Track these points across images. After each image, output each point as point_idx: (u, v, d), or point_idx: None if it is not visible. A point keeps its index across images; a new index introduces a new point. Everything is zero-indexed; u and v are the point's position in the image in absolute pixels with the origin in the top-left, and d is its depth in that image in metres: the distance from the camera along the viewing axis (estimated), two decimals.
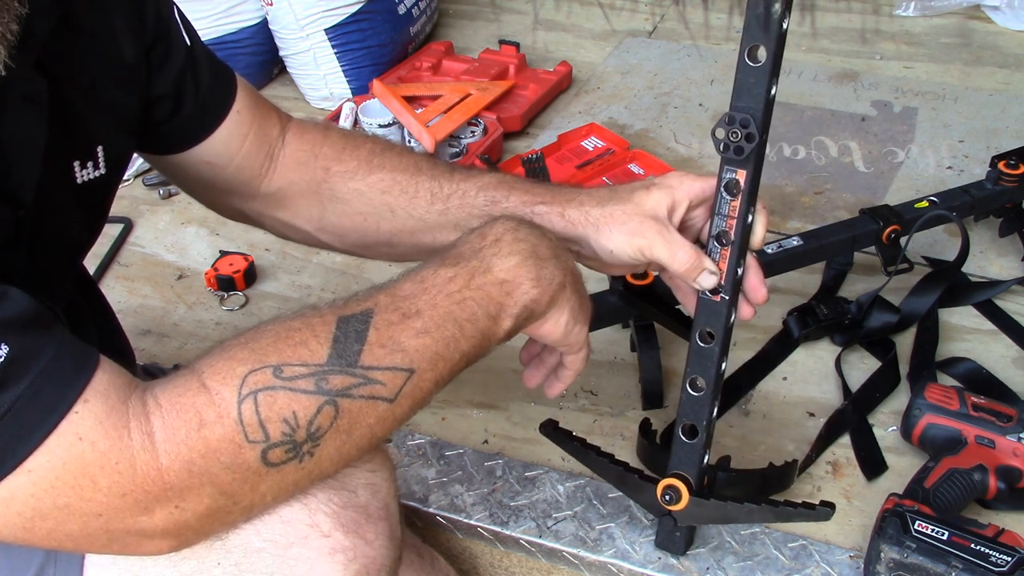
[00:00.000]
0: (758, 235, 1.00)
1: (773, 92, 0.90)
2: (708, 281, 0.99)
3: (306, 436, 0.79)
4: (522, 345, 1.06)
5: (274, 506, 0.83)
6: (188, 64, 1.04)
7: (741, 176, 0.94)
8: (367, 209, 1.12)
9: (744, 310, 1.03)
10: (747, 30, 0.87)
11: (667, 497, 1.08)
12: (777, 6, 0.84)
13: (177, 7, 1.05)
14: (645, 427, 1.25)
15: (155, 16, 1.00)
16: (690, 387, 1.04)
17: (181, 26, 1.04)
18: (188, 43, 1.04)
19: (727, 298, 0.99)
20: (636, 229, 1.00)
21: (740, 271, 1.00)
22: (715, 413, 1.06)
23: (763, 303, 1.04)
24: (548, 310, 0.93)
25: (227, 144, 1.09)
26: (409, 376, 0.83)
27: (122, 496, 0.74)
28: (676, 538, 1.15)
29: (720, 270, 0.99)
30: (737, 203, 0.95)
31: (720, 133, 0.92)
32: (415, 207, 1.10)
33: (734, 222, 0.96)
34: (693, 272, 0.99)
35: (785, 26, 0.86)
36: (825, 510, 1.04)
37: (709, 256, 0.99)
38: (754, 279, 1.02)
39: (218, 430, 0.76)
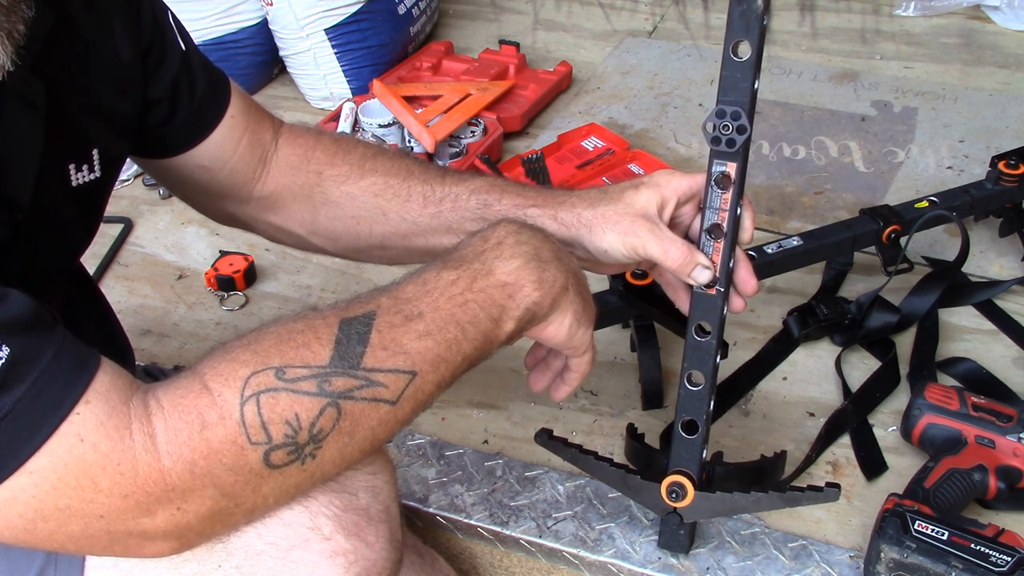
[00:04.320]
0: (747, 229, 1.01)
1: (757, 86, 0.91)
2: (703, 276, 0.99)
3: (308, 438, 0.79)
4: (524, 346, 1.06)
5: (276, 508, 0.83)
6: (183, 69, 1.04)
7: (731, 169, 0.95)
8: (360, 213, 1.12)
9: (735, 302, 1.04)
10: (730, 26, 0.88)
11: (673, 494, 1.08)
12: (759, 2, 0.85)
13: (172, 12, 1.05)
14: (632, 431, 1.25)
15: (151, 21, 1.01)
16: (688, 382, 1.05)
17: (176, 31, 1.04)
18: (183, 48, 1.05)
19: (722, 290, 1.00)
20: (628, 228, 1.01)
21: (731, 263, 1.01)
22: (712, 407, 1.06)
23: (753, 295, 1.05)
24: (550, 313, 0.93)
25: (221, 148, 1.09)
26: (411, 378, 0.83)
27: (124, 497, 0.74)
28: (680, 536, 1.15)
29: (714, 263, 0.99)
30: (728, 195, 0.96)
31: (711, 127, 0.93)
32: (407, 210, 1.11)
33: (725, 215, 0.97)
34: (687, 267, 0.99)
35: (766, 22, 0.87)
36: (832, 491, 1.05)
37: (701, 251, 0.99)
38: (744, 271, 1.03)
39: (220, 431, 0.76)
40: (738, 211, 0.98)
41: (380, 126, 1.95)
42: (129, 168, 1.90)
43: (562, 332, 0.95)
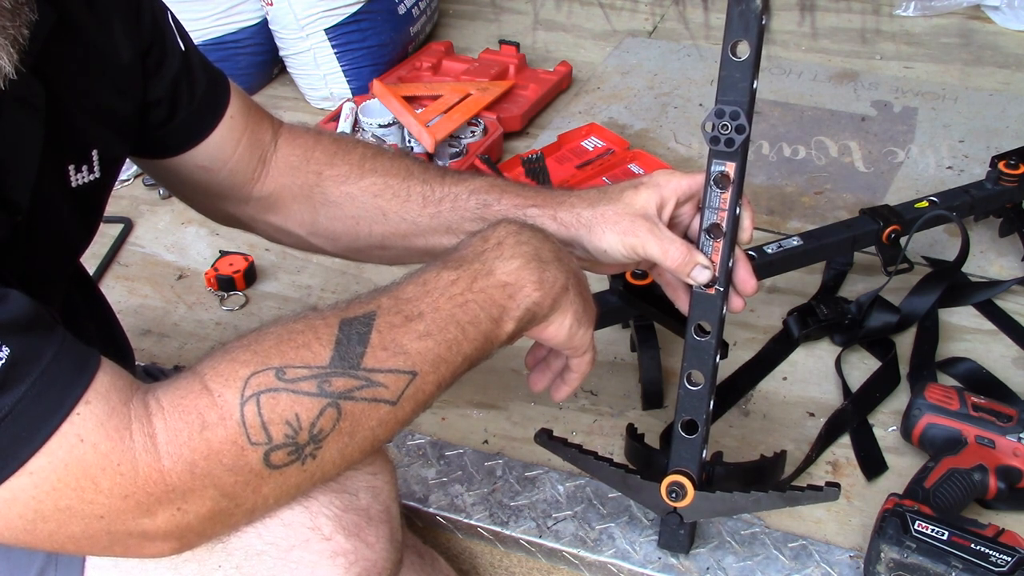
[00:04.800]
0: (746, 229, 1.01)
1: (755, 86, 0.92)
2: (702, 275, 0.99)
3: (308, 438, 0.79)
4: (525, 346, 1.06)
5: (276, 508, 0.83)
6: (183, 69, 1.05)
7: (730, 168, 0.95)
8: (359, 213, 1.12)
9: (734, 302, 1.04)
10: (729, 26, 0.88)
11: (673, 494, 1.08)
12: (757, 2, 0.86)
13: (171, 13, 1.05)
14: (632, 431, 1.26)
15: (151, 21, 1.01)
16: (687, 382, 1.05)
17: (175, 32, 1.05)
18: (183, 48, 1.05)
19: (721, 290, 1.00)
20: (628, 228, 1.01)
21: (731, 263, 1.01)
22: (712, 407, 1.06)
23: (752, 294, 1.05)
24: (551, 313, 0.93)
25: (221, 148, 1.09)
26: (411, 379, 0.83)
27: (124, 498, 0.74)
28: (680, 536, 1.15)
29: (713, 263, 0.99)
30: (727, 195, 0.96)
31: (709, 126, 0.93)
32: (407, 211, 1.11)
33: (725, 215, 0.97)
34: (686, 267, 0.99)
35: (765, 21, 0.87)
36: (832, 490, 1.05)
37: (701, 250, 0.99)
38: (743, 271, 1.03)
39: (220, 432, 0.76)
40: (737, 211, 0.98)
41: (380, 126, 1.95)
42: (129, 168, 1.90)
43: (562, 332, 0.95)
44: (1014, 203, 1.59)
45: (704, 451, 1.08)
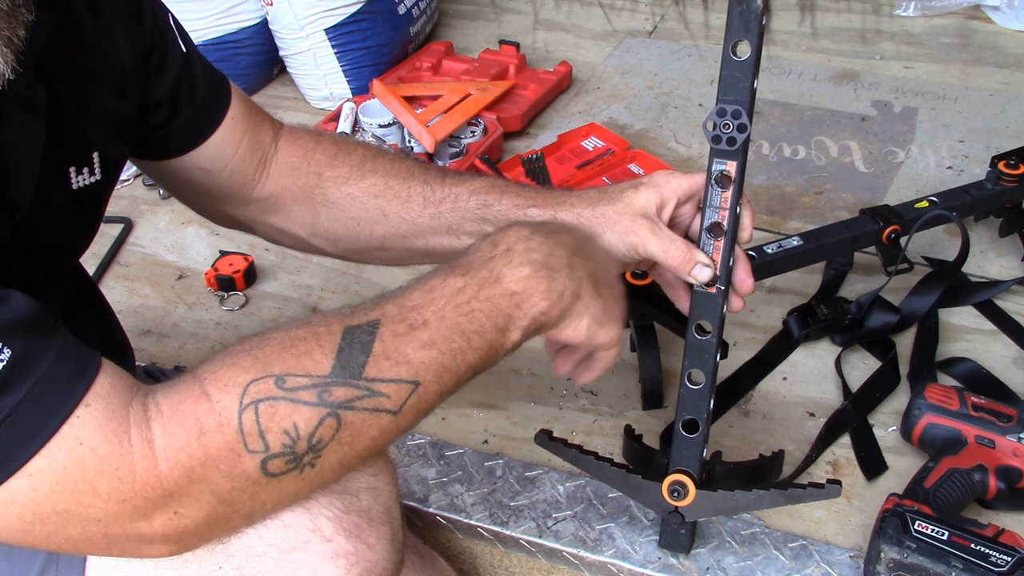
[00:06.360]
0: (746, 228, 1.01)
1: (756, 85, 0.92)
2: (703, 274, 0.99)
3: (307, 448, 0.78)
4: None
5: (274, 513, 0.83)
6: (184, 71, 1.05)
7: (731, 167, 0.95)
8: (360, 214, 1.12)
9: (734, 302, 1.04)
10: (730, 26, 0.89)
11: (674, 493, 1.08)
12: (758, 2, 0.86)
13: (172, 15, 1.05)
14: (630, 432, 1.26)
15: (152, 23, 1.01)
16: (688, 381, 1.05)
17: (176, 33, 1.05)
18: (184, 50, 1.05)
19: (722, 288, 1.00)
20: (628, 228, 1.01)
21: (731, 262, 1.01)
22: (712, 406, 1.06)
23: (749, 294, 1.04)
24: (560, 321, 0.91)
25: (222, 150, 1.09)
26: (414, 389, 0.82)
27: (121, 502, 0.74)
28: (681, 536, 1.15)
29: (714, 261, 0.99)
30: (728, 194, 0.97)
31: (711, 126, 0.93)
32: (408, 211, 1.10)
33: (725, 214, 0.97)
34: (687, 266, 0.99)
35: (765, 21, 0.88)
36: (834, 487, 1.05)
37: (702, 249, 1.00)
38: (741, 271, 1.03)
39: (218, 439, 0.76)
40: (738, 210, 0.98)
41: (380, 126, 1.95)
42: (129, 168, 1.90)
43: (580, 334, 0.93)
44: (1014, 203, 1.59)
45: (704, 450, 1.08)
